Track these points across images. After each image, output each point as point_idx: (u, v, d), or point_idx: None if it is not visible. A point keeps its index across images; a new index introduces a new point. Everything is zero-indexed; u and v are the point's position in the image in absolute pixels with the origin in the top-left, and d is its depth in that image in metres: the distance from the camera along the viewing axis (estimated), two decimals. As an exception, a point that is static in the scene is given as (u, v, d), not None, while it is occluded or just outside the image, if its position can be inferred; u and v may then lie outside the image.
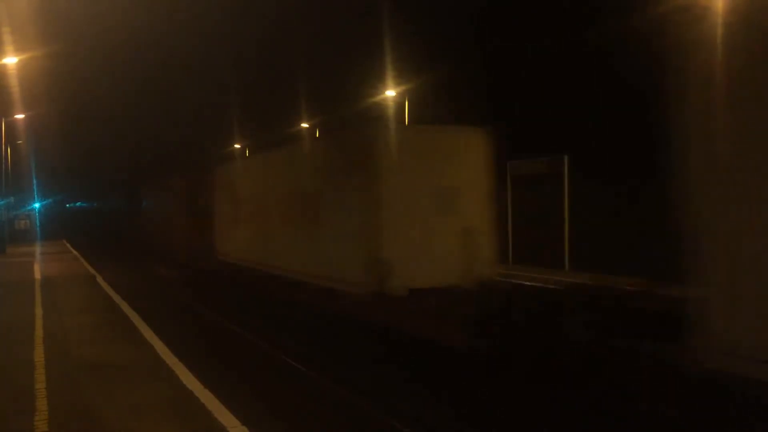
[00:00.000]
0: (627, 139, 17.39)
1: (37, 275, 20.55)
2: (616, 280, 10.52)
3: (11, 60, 20.27)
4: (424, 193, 12.28)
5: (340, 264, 13.28)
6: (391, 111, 29.14)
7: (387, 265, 11.70)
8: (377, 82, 28.10)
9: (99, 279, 19.57)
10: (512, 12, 22.16)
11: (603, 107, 18.62)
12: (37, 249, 35.18)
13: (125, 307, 13.75)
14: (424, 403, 8.31)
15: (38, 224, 50.66)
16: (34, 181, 51.16)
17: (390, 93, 29.51)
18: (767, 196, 5.58)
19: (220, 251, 23.01)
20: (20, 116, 30.85)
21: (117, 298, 15.13)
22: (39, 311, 13.10)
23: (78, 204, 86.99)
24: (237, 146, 47.37)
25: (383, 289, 11.76)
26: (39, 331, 10.92)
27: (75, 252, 32.75)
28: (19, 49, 19.47)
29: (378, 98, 29.81)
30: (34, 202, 55.57)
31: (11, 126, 31.61)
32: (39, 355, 9.15)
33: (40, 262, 25.87)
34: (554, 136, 20.64)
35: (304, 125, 39.58)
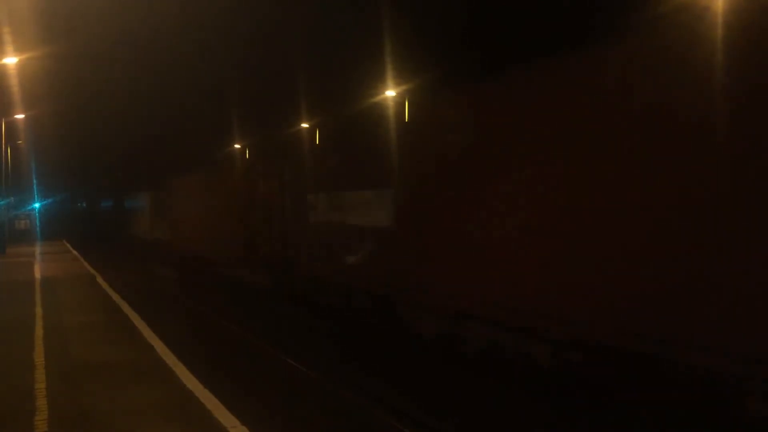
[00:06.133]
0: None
1: (37, 275, 20.55)
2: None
3: (11, 60, 20.25)
4: None
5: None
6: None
7: None
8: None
9: (99, 279, 19.59)
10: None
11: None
12: (37, 249, 35.20)
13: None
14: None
15: (38, 224, 50.72)
16: (35, 181, 51.13)
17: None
18: None
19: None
20: (20, 116, 30.86)
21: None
22: (39, 311, 13.10)
23: (80, 204, 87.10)
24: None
25: None
26: (39, 331, 10.92)
27: (75, 252, 32.77)
28: (18, 49, 19.44)
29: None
30: (34, 203, 55.59)
31: (11, 126, 31.59)
32: (39, 354, 9.14)
33: (40, 263, 25.88)
34: None
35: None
